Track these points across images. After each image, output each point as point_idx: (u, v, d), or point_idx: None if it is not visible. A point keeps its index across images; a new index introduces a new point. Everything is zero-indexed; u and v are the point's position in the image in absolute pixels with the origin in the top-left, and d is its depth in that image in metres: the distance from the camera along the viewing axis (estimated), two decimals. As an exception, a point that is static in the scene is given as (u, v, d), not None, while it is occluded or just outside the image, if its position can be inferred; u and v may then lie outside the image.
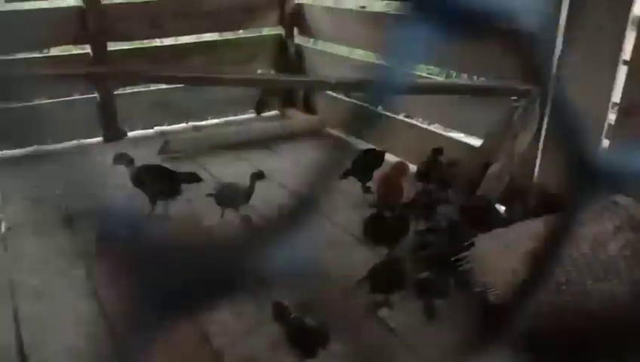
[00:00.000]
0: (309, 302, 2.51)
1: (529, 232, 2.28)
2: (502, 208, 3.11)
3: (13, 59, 4.24)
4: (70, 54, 4.69)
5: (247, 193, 3.14)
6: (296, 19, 5.18)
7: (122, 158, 3.14)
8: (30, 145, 4.58)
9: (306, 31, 5.20)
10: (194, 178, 3.42)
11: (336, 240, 3.09)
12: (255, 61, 5.21)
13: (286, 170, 4.11)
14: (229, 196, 3.14)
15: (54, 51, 4.74)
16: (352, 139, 2.91)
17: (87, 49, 4.43)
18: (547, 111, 3.01)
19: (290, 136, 4.79)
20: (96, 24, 4.32)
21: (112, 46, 4.56)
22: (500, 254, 2.24)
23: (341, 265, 2.83)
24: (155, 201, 3.29)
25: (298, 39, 5.29)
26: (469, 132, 3.89)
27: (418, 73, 4.84)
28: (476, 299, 2.33)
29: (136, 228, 2.18)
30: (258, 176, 3.17)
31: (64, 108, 4.55)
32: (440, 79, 5.01)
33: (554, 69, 2.93)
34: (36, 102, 4.62)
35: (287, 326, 2.13)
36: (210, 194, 3.25)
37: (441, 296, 2.49)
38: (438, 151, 3.53)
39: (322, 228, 3.21)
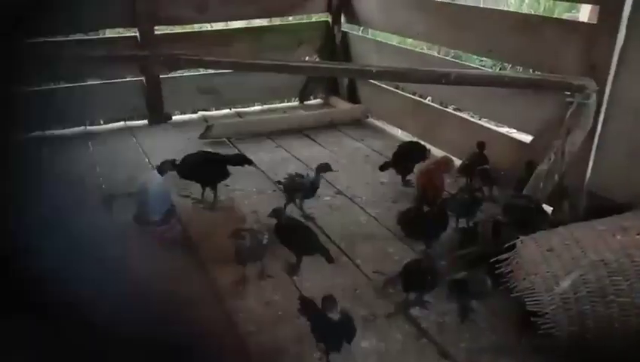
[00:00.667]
0: (336, 296, 2.47)
1: (575, 237, 2.13)
2: (549, 209, 2.94)
3: (63, 40, 4.34)
4: (118, 37, 4.78)
5: (313, 186, 3.08)
6: (343, 5, 5.09)
7: (166, 165, 3.11)
8: (78, 126, 4.71)
9: (353, 18, 5.10)
10: (241, 160, 3.40)
11: (372, 234, 3.01)
12: (301, 48, 5.16)
13: (323, 159, 4.04)
14: (296, 187, 3.09)
15: (103, 34, 4.85)
16: (395, 130, 2.85)
17: (134, 32, 4.50)
18: (604, 108, 2.82)
19: (332, 125, 4.72)
20: (144, 8, 4.36)
21: (160, 30, 4.62)
22: (543, 259, 2.10)
23: (375, 259, 2.76)
24: (205, 187, 3.29)
25: (345, 26, 5.20)
26: (520, 128, 3.71)
27: (469, 64, 4.68)
28: (514, 303, 2.21)
29: (169, 213, 2.15)
30: (324, 168, 3.10)
31: (112, 90, 4.64)
32: (491, 71, 4.81)
33: (613, 64, 2.74)
34: (85, 82, 4.74)
35: (312, 320, 2.07)
36: (279, 183, 3.23)
37: (476, 297, 2.37)
38: (483, 146, 3.37)
39: (358, 221, 3.14)
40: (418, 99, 4.68)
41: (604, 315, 1.97)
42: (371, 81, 4.76)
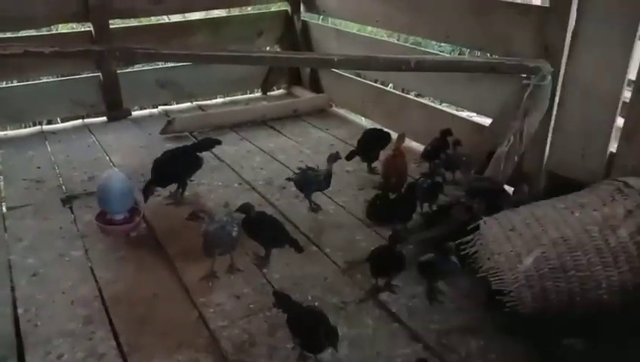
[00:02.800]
0: (306, 285, 2.48)
1: (535, 216, 2.19)
2: (510, 190, 3.02)
3: (13, 37, 4.19)
4: (72, 32, 4.63)
5: (327, 176, 3.02)
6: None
7: (150, 189, 3.02)
8: (34, 125, 4.57)
9: (312, 7, 5.07)
10: (210, 143, 3.34)
11: (340, 222, 3.03)
12: (261, 38, 5.11)
13: (288, 149, 4.05)
14: (313, 181, 3.03)
15: (56, 30, 4.69)
16: (359, 118, 2.86)
17: (89, 26, 4.36)
18: (559, 89, 2.90)
19: (296, 115, 4.71)
20: (98, 1, 4.23)
21: (115, 23, 4.49)
22: (506, 238, 2.16)
23: (344, 247, 2.78)
24: (185, 185, 3.21)
25: (305, 15, 5.17)
26: (480, 111, 3.78)
27: (428, 50, 4.72)
28: (480, 283, 2.27)
29: (133, 211, 2.13)
30: (335, 157, 3.06)
31: (68, 87, 4.51)
32: (449, 56, 4.88)
33: (566, 46, 2.82)
34: (39, 80, 4.59)
35: (291, 316, 2.06)
36: (289, 179, 3.18)
37: (444, 278, 2.42)
38: (446, 133, 3.43)
39: (325, 211, 3.15)
40: (380, 86, 4.70)
41: (566, 290, 2.04)
42: (333, 69, 4.76)
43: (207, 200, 3.26)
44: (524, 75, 2.97)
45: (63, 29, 5.12)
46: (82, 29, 4.53)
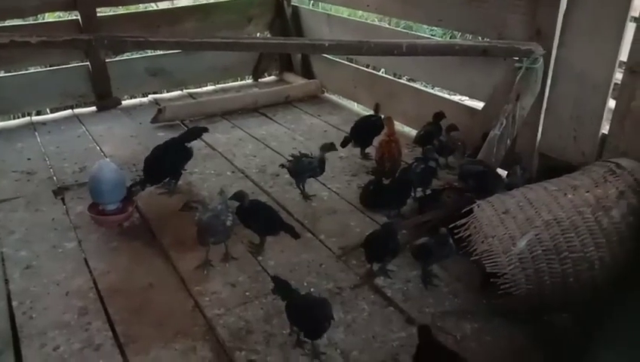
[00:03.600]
0: (302, 272, 2.48)
1: (528, 198, 2.20)
2: (503, 173, 3.03)
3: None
4: (59, 21, 4.56)
5: (321, 163, 3.02)
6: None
7: (138, 186, 2.93)
8: (23, 116, 4.52)
9: (302, -8, 5.03)
10: (197, 131, 3.32)
11: (334, 208, 3.03)
12: (251, 24, 5.06)
13: (280, 136, 4.03)
14: (306, 168, 3.02)
15: (42, 19, 4.62)
16: (351, 104, 2.83)
17: (76, 15, 4.30)
18: (550, 72, 2.89)
19: (288, 102, 4.69)
20: (84, -11, 4.17)
21: (102, 11, 4.43)
22: (499, 221, 2.17)
23: (338, 233, 2.78)
24: (178, 176, 3.19)
25: (295, 0, 5.12)
26: (472, 95, 3.77)
27: (420, 34, 4.70)
28: (474, 266, 2.28)
29: (125, 201, 2.12)
30: (329, 148, 3.04)
31: (56, 77, 4.45)
32: (441, 40, 4.86)
33: (558, 28, 2.81)
34: (27, 70, 4.52)
35: (290, 302, 2.05)
36: (282, 166, 3.14)
37: (439, 260, 2.43)
38: (439, 116, 3.42)
39: (320, 197, 3.15)
40: (372, 71, 4.68)
41: (559, 271, 2.05)
42: (325, 55, 4.73)
43: (201, 188, 3.25)
44: (516, 58, 2.96)
45: (50, 17, 5.05)
46: (69, 18, 4.47)
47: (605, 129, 2.72)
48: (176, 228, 2.79)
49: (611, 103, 2.69)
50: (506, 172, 3.01)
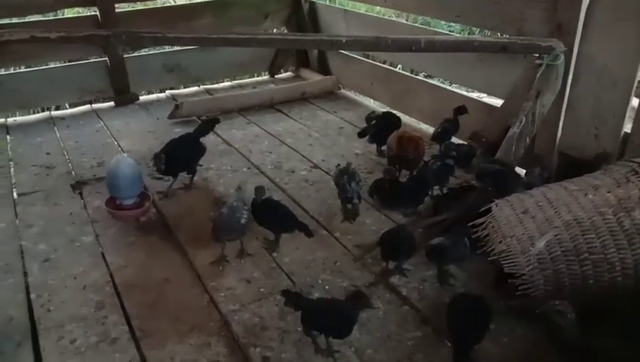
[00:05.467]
0: (317, 269, 2.47)
1: (548, 198, 2.16)
2: (522, 172, 2.98)
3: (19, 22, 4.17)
4: (78, 16, 4.60)
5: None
6: (309, -25, 4.98)
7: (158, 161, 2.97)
8: (42, 111, 4.57)
9: (320, -13, 5.00)
10: (209, 125, 3.32)
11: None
12: (268, 20, 5.06)
13: (296, 132, 4.02)
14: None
15: (62, 14, 4.67)
16: (367, 100, 2.80)
17: (94, 11, 4.33)
18: (572, 69, 2.84)
19: (304, 98, 4.68)
20: (103, -16, 4.20)
21: (120, 7, 4.46)
22: (518, 221, 2.13)
23: (353, 231, 2.77)
24: (194, 172, 3.21)
25: (312, -4, 5.11)
26: (491, 92, 3.72)
27: (438, 30, 4.65)
28: (491, 266, 2.25)
29: (143, 196, 2.12)
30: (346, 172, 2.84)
31: (75, 73, 4.50)
32: (461, 36, 4.80)
33: (580, 24, 2.75)
34: (46, 66, 4.57)
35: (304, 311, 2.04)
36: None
37: (455, 261, 2.41)
38: (460, 111, 3.37)
39: (335, 195, 3.13)
40: (389, 67, 4.65)
41: (579, 273, 2.01)
42: (341, 51, 4.71)
43: (217, 184, 3.26)
44: (537, 55, 2.91)
45: (69, 13, 5.10)
46: (88, 14, 4.51)
47: (628, 127, 2.67)
48: (193, 223, 2.80)
49: (634, 101, 2.64)
50: (525, 171, 2.96)
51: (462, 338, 1.91)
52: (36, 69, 4.47)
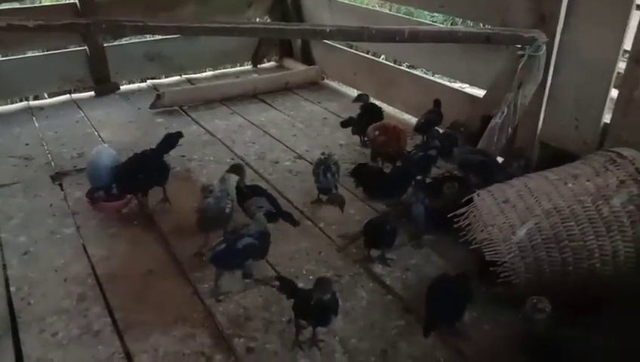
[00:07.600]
0: (301, 259, 2.48)
1: (528, 187, 2.19)
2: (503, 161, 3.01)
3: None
4: (56, 4, 4.51)
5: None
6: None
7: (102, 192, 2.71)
8: (20, 101, 4.48)
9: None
10: (174, 137, 2.98)
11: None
12: (251, 9, 5.01)
13: (280, 123, 4.01)
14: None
15: (39, 2, 4.57)
16: (351, 90, 2.79)
17: (73, -2, 4.25)
18: (553, 59, 2.86)
19: (288, 88, 4.65)
20: (81, -29, 4.11)
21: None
22: (499, 210, 2.16)
23: (337, 221, 2.77)
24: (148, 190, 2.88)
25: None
26: (473, 82, 3.75)
27: (421, 20, 4.65)
28: (473, 255, 2.27)
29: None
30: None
31: (54, 62, 4.42)
32: (444, 27, 4.81)
33: (562, 15, 2.77)
34: (24, 55, 4.48)
35: (298, 301, 2.02)
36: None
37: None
38: (437, 103, 3.40)
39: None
40: (372, 57, 4.65)
41: (559, 260, 2.05)
42: (324, 41, 4.69)
43: (200, 175, 3.24)
44: (519, 46, 2.93)
45: (47, 1, 4.99)
46: (67, 1, 4.41)
47: (607, 118, 2.70)
48: (175, 214, 2.78)
49: (614, 92, 2.67)
50: (506, 161, 2.99)
51: (432, 313, 1.99)
52: (14, 57, 4.38)
